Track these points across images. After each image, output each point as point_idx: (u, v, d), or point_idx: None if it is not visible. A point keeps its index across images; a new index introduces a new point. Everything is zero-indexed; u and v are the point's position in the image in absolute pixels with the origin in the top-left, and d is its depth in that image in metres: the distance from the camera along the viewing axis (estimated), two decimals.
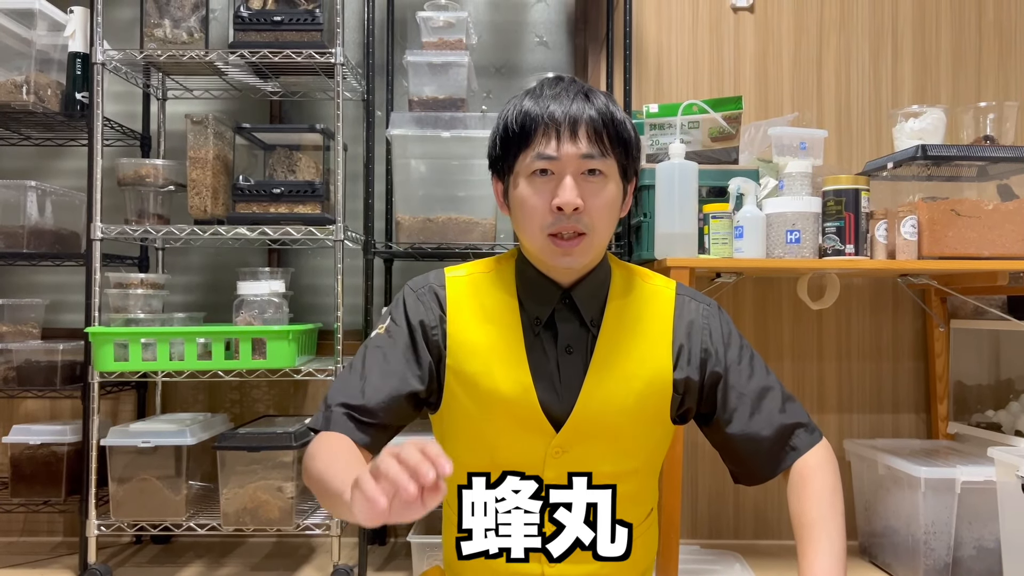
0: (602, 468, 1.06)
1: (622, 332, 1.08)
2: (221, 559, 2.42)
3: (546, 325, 1.07)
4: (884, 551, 2.33)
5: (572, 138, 0.99)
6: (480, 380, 1.06)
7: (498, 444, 1.07)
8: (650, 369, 1.07)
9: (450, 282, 1.12)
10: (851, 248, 2.08)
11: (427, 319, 1.09)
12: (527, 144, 1.01)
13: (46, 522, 2.58)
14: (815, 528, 1.01)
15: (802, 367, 2.63)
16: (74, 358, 2.33)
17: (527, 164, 1.01)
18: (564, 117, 0.99)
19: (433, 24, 2.28)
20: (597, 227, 1.02)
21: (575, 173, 1.00)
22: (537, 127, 1.00)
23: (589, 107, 1.00)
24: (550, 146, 0.99)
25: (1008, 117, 2.21)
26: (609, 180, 1.02)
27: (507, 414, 1.05)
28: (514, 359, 1.05)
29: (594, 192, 1.01)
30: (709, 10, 2.66)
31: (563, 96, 1.01)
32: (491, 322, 1.08)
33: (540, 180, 1.01)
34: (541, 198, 1.01)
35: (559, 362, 1.06)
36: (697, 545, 2.51)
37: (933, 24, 2.68)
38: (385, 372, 1.07)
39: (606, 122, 1.00)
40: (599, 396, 1.05)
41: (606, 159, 1.01)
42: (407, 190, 2.27)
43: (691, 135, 2.30)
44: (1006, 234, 2.09)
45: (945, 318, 2.57)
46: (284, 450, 2.13)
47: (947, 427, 2.54)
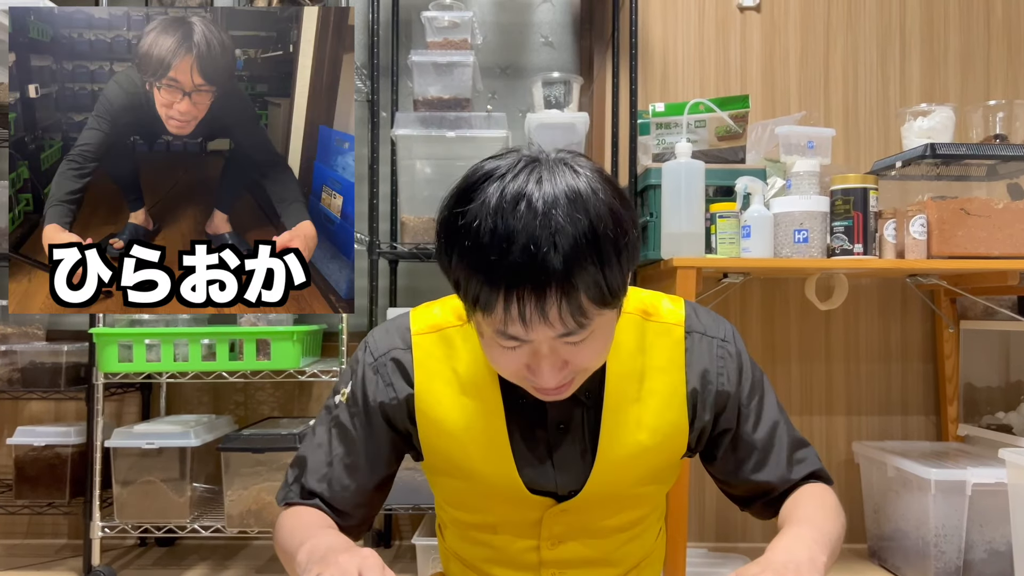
0: (606, 524, 0.97)
1: (626, 399, 0.93)
2: (225, 561, 2.41)
3: (534, 402, 0.91)
4: (894, 554, 2.31)
5: (543, 320, 0.75)
6: (459, 462, 0.94)
7: (489, 509, 0.97)
8: (663, 434, 0.94)
9: (416, 344, 0.94)
10: (860, 248, 2.06)
11: (388, 400, 0.94)
12: (488, 313, 0.77)
13: (50, 524, 2.58)
14: (803, 521, 0.89)
15: (810, 368, 2.61)
16: (78, 359, 2.32)
17: (491, 327, 0.79)
18: (529, 298, 0.74)
19: (438, 24, 2.27)
20: (591, 367, 0.85)
21: (552, 343, 0.79)
22: (495, 304, 0.75)
23: (560, 263, 0.72)
24: (515, 327, 0.76)
25: (1018, 116, 2.19)
26: (598, 328, 0.80)
27: (497, 496, 0.94)
28: (494, 442, 0.91)
29: (580, 350, 0.80)
30: (715, 9, 2.65)
31: (527, 249, 0.73)
32: (466, 394, 0.92)
33: (509, 344, 0.80)
34: (513, 360, 0.81)
35: (550, 442, 0.93)
36: (705, 548, 2.49)
37: (941, 22, 2.66)
38: (350, 467, 0.95)
39: (588, 285, 0.74)
40: (607, 478, 0.93)
41: (589, 326, 0.78)
42: (412, 190, 2.26)
43: (698, 134, 2.28)
44: (1016, 233, 2.06)
45: (954, 319, 2.55)
46: (289, 451, 2.12)
47: (957, 429, 2.52)
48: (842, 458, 2.60)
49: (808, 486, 0.99)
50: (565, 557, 0.97)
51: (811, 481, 0.99)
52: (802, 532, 0.84)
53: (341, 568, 0.71)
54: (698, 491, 2.57)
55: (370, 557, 0.73)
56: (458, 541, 1.04)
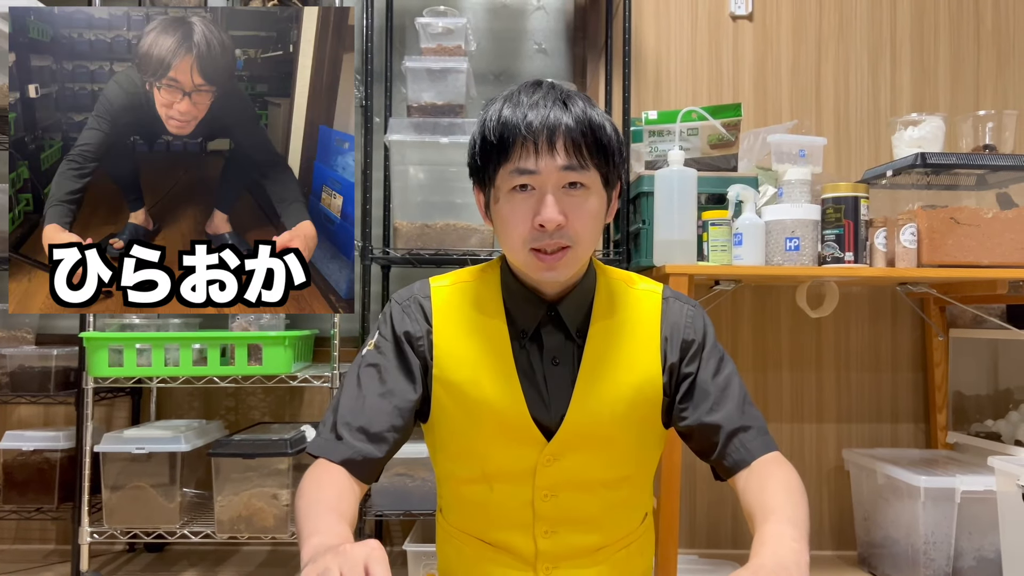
0: (593, 476, 1.06)
1: (609, 341, 1.07)
2: (215, 568, 2.40)
3: (532, 337, 1.07)
4: (883, 562, 2.32)
5: (551, 150, 0.97)
6: (468, 390, 1.05)
7: (488, 454, 1.06)
8: (639, 375, 1.07)
9: (435, 292, 1.11)
10: (850, 256, 2.07)
11: (413, 330, 1.08)
12: (506, 157, 0.99)
13: (38, 530, 2.56)
14: (776, 512, 0.93)
15: (801, 376, 2.62)
16: (68, 364, 2.31)
17: (507, 178, 1.00)
18: (543, 127, 0.97)
19: (432, 30, 2.28)
20: (581, 239, 1.01)
21: (556, 187, 0.99)
22: (515, 138, 0.98)
23: (567, 115, 0.98)
24: (529, 160, 0.98)
25: (1007, 126, 2.21)
26: (591, 192, 1.01)
27: (497, 424, 1.05)
28: (502, 369, 1.05)
29: (576, 206, 0.99)
30: (708, 18, 2.66)
31: (540, 104, 0.99)
32: (477, 333, 1.07)
33: (520, 196, 1.00)
34: (523, 214, 1.00)
35: (546, 374, 1.06)
36: (695, 555, 2.49)
37: (932, 33, 2.68)
38: (383, 392, 1.06)
39: (584, 130, 0.98)
40: (589, 406, 1.05)
41: (586, 171, 0.99)
42: (405, 196, 2.26)
43: (690, 142, 2.29)
44: (1005, 242, 2.08)
45: (944, 327, 2.57)
46: (279, 457, 2.12)
47: (946, 437, 2.53)
48: (832, 465, 2.61)
49: (767, 463, 1.03)
50: (557, 512, 1.06)
51: (759, 440, 1.05)
52: (783, 531, 0.89)
53: (349, 557, 0.75)
54: (689, 499, 2.58)
55: (377, 549, 0.76)
56: (456, 513, 1.13)
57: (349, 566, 0.74)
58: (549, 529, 1.07)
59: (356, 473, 1.02)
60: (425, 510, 2.20)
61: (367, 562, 0.75)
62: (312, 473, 1.01)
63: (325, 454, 1.03)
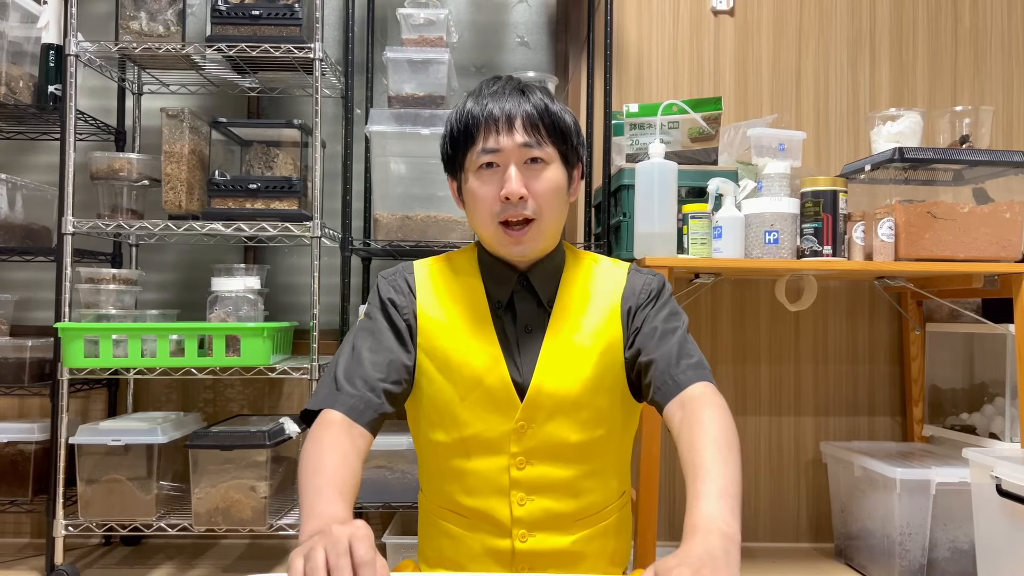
0: (565, 440, 1.11)
1: (575, 308, 1.15)
2: (192, 561, 2.38)
3: (506, 307, 1.15)
4: (860, 553, 2.34)
5: (510, 131, 1.08)
6: (451, 355, 1.12)
7: (468, 420, 1.11)
8: (604, 340, 1.13)
9: (417, 267, 1.21)
10: (828, 249, 2.08)
11: (398, 299, 1.16)
12: (472, 142, 1.11)
13: (12, 523, 2.53)
14: (708, 475, 0.93)
15: (779, 369, 2.64)
16: (43, 355, 2.28)
17: (474, 160, 1.11)
18: (502, 113, 1.09)
19: (414, 21, 2.26)
20: (544, 212, 1.10)
21: (518, 163, 1.09)
22: (479, 125, 1.10)
23: (524, 102, 1.10)
24: (491, 140, 1.09)
25: (983, 122, 2.23)
26: (551, 166, 1.11)
27: (477, 387, 1.11)
28: (482, 333, 1.13)
29: (537, 178, 1.09)
30: (689, 12, 2.67)
31: (500, 94, 1.11)
32: (458, 302, 1.15)
33: (487, 173, 1.10)
34: (489, 189, 1.10)
35: (519, 341, 1.14)
36: (674, 547, 2.50)
37: (910, 30, 2.70)
38: (377, 348, 1.12)
39: (541, 114, 1.10)
40: (555, 371, 1.11)
41: (545, 147, 1.10)
42: (386, 188, 2.25)
43: (671, 135, 2.30)
44: (981, 237, 2.10)
45: (921, 321, 2.59)
46: (258, 449, 2.10)
47: (922, 430, 2.55)
48: (810, 457, 2.63)
49: (696, 397, 1.02)
50: (532, 479, 1.11)
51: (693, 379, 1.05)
52: (714, 513, 0.88)
53: (333, 538, 0.77)
54: (668, 491, 2.59)
55: (362, 528, 0.78)
56: (436, 485, 1.17)
57: (332, 545, 0.76)
58: (525, 496, 1.11)
59: (359, 420, 1.04)
60: (405, 502, 2.19)
61: (351, 541, 0.76)
62: (314, 435, 1.02)
63: (326, 404, 1.05)
